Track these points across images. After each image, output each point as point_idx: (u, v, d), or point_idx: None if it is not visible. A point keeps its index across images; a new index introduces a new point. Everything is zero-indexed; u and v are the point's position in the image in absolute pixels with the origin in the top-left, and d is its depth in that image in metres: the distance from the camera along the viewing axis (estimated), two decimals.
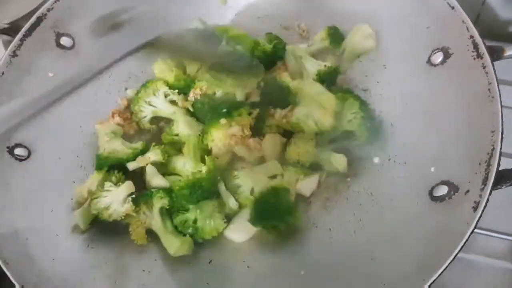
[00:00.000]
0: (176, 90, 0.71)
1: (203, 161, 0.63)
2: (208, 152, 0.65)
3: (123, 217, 0.61)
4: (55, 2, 0.68)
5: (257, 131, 0.66)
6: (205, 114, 0.67)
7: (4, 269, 0.52)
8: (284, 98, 0.65)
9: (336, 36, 0.72)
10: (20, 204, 0.60)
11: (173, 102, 0.70)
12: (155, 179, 0.64)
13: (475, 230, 0.64)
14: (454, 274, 0.68)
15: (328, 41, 0.72)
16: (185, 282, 0.59)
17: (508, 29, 0.86)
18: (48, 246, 0.58)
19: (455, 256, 0.47)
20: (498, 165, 0.50)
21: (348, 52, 0.71)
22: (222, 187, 0.62)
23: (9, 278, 0.52)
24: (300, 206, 0.64)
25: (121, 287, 0.56)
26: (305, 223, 0.62)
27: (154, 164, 0.65)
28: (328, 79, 0.68)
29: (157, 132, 0.72)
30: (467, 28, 0.57)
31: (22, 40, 0.65)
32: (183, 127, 0.67)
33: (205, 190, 0.60)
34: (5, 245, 0.55)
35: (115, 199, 0.61)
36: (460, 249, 0.47)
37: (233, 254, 0.61)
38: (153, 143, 0.68)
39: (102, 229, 0.62)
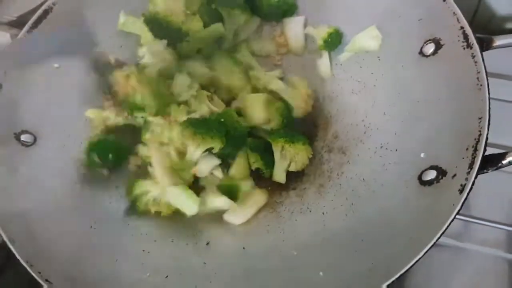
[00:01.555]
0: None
1: None
2: None
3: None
4: None
5: None
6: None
7: (11, 246, 0.55)
8: None
9: (334, 39, 0.72)
10: (26, 186, 0.62)
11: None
12: None
13: (470, 220, 0.67)
14: (446, 262, 0.70)
15: (323, 42, 0.72)
16: (183, 262, 0.61)
17: (506, 25, 0.86)
18: (52, 226, 0.60)
19: (441, 234, 0.48)
20: (485, 150, 0.51)
21: (351, 46, 0.72)
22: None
23: (15, 258, 0.55)
24: (295, 192, 0.67)
25: (121, 266, 0.59)
26: (299, 208, 0.65)
27: None
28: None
29: None
30: (458, 20, 0.58)
31: (28, 32, 0.67)
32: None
33: None
34: (11, 224, 0.57)
35: None
36: (447, 227, 0.48)
37: (230, 236, 0.63)
38: None
39: (103, 213, 0.65)
